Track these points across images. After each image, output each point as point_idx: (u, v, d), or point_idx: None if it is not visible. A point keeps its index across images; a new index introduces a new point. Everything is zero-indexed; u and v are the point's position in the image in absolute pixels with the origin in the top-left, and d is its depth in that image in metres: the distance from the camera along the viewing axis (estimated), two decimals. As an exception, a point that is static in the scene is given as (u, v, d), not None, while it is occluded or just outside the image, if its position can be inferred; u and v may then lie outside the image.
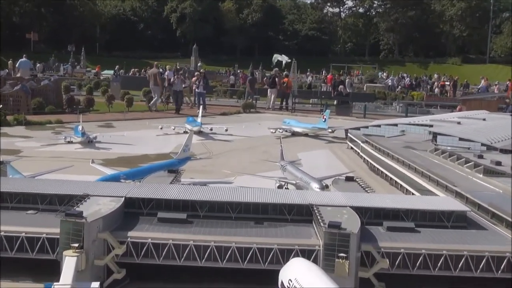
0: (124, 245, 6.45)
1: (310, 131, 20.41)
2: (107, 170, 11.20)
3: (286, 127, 20.74)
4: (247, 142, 18.60)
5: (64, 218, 6.29)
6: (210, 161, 14.64)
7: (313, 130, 20.39)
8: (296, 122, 21.31)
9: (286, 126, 20.79)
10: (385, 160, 13.00)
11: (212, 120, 23.90)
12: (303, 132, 20.44)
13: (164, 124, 20.55)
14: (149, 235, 6.62)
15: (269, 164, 13.64)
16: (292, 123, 21.10)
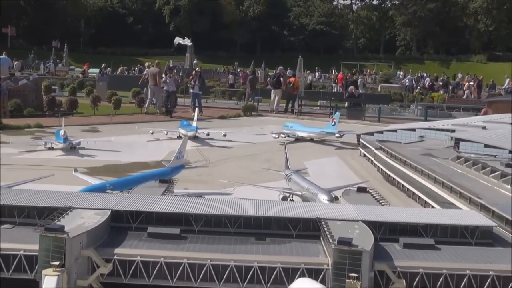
0: (110, 263, 6.46)
1: (317, 135, 20.49)
2: (91, 179, 11.23)
3: (289, 131, 20.81)
4: (247, 149, 18.63)
5: (43, 233, 6.31)
6: (207, 169, 14.67)
7: (320, 135, 20.46)
8: (300, 126, 21.39)
9: (289, 131, 20.85)
10: (401, 169, 13.01)
11: (209, 124, 23.95)
12: (308, 137, 20.53)
13: (155, 129, 20.62)
14: (138, 252, 6.63)
15: (272, 174, 13.65)
16: (295, 127, 21.17)
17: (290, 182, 11.42)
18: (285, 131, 20.84)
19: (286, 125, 21.51)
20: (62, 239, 6.23)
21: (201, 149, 17.85)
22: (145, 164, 15.18)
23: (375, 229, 7.21)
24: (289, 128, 21.17)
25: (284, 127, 21.41)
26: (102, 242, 6.81)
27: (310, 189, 10.27)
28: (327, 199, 9.60)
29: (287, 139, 20.26)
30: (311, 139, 20.51)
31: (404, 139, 16.72)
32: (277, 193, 10.93)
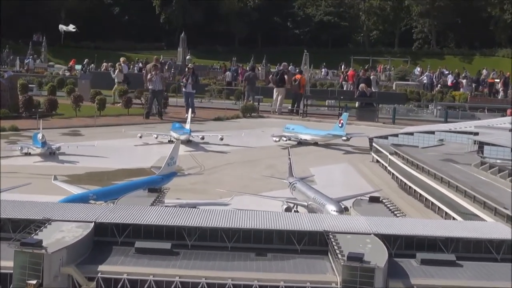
0: (93, 282, 6.47)
1: (322, 139, 20.56)
2: (73, 188, 11.24)
3: (290, 134, 20.87)
4: (247, 154, 18.66)
5: (19, 248, 6.32)
6: (201, 177, 14.69)
7: (326, 138, 20.53)
8: (302, 128, 21.46)
9: (290, 133, 20.91)
10: (419, 177, 13.02)
11: (204, 127, 23.98)
12: (313, 141, 20.59)
13: (144, 132, 20.67)
14: (124, 269, 6.64)
15: (274, 182, 13.68)
16: (297, 129, 21.23)
17: (294, 191, 11.43)
18: (286, 134, 20.92)
19: (287, 127, 21.56)
20: (39, 255, 6.24)
21: (195, 155, 17.87)
22: (132, 171, 15.20)
23: (390, 243, 7.21)
24: (290, 130, 21.23)
25: (285, 129, 21.46)
26: (84, 258, 6.81)
27: (317, 199, 10.27)
28: (335, 210, 9.61)
29: (289, 142, 20.32)
30: (315, 142, 20.60)
31: (422, 143, 16.73)
32: (280, 203, 10.94)
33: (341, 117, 20.42)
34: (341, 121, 20.10)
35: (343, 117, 20.31)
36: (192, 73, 28.69)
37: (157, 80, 26.49)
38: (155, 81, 26.44)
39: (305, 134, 20.71)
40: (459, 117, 28.62)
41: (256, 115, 29.67)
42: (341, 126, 19.96)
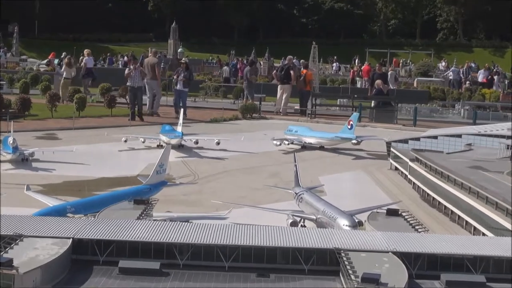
0: (71, 306, 6.47)
1: (329, 142, 20.61)
2: (48, 200, 11.25)
3: (292, 137, 20.94)
4: (247, 161, 18.69)
5: (-14, 268, 6.32)
6: (195, 187, 14.71)
7: (333, 141, 20.57)
8: (306, 130, 21.51)
9: (292, 136, 20.99)
10: (444, 186, 13.02)
11: (198, 130, 24.01)
12: (318, 144, 20.65)
13: (129, 135, 20.69)
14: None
15: (278, 192, 13.69)
16: (301, 131, 21.29)
17: (301, 203, 11.43)
18: (288, 137, 20.98)
19: (289, 129, 21.65)
20: (10, 276, 6.24)
21: (188, 161, 17.90)
22: (116, 180, 15.21)
23: (410, 262, 7.21)
24: (293, 132, 21.29)
25: (287, 132, 21.54)
26: (61, 279, 6.81)
27: (327, 212, 10.27)
28: (348, 225, 9.61)
29: (292, 147, 20.41)
30: (321, 146, 20.66)
31: (447, 148, 16.73)
32: (285, 217, 10.94)
33: (351, 118, 20.43)
34: (350, 122, 20.11)
35: (352, 118, 20.34)
36: (186, 69, 28.68)
37: (136, 75, 26.45)
38: (134, 76, 26.37)
39: (309, 137, 20.79)
40: (490, 118, 28.63)
41: (258, 116, 29.69)
42: (350, 128, 19.98)
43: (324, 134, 20.97)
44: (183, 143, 19.78)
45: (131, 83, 26.46)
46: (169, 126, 20.84)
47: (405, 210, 10.36)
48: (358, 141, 20.21)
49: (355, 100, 31.31)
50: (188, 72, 28.72)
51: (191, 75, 29.23)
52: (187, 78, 28.22)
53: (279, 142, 20.42)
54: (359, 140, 20.26)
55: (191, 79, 29.11)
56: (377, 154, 19.90)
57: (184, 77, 28.11)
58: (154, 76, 28.32)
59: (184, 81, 28.05)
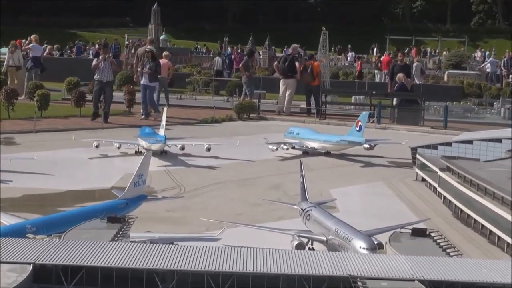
0: None
1: (335, 146, 20.71)
2: (4, 217, 11.22)
3: (294, 140, 21.07)
4: (243, 170, 18.72)
5: None
6: (181, 202, 14.70)
7: (339, 146, 20.65)
8: (310, 132, 21.64)
9: (293, 139, 21.12)
10: (480, 201, 13.01)
11: (185, 133, 24.05)
12: (323, 149, 20.76)
13: (102, 140, 20.72)
14: (74, 329, 6.63)
15: (281, 208, 13.71)
16: (303, 133, 21.42)
17: (308, 222, 11.43)
18: (289, 140, 21.06)
19: (290, 132, 21.81)
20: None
21: (173, 171, 17.93)
22: (86, 194, 15.23)
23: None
24: (293, 135, 21.40)
25: (287, 134, 21.67)
26: (19, 313, 6.79)
27: (340, 232, 10.27)
28: (365, 247, 9.60)
29: (291, 152, 20.51)
30: (327, 152, 20.77)
31: (485, 155, 16.73)
32: (289, 238, 10.93)
33: (359, 118, 20.49)
34: (358, 123, 20.13)
35: (361, 118, 20.36)
36: (152, 59, 28.42)
37: (105, 67, 26.39)
38: (103, 69, 26.31)
39: (312, 140, 20.91)
40: (535, 119, 28.74)
41: (256, 116, 29.75)
42: (359, 130, 20.02)
43: (328, 137, 21.09)
44: (167, 149, 19.81)
45: (99, 77, 26.41)
46: (149, 129, 20.86)
47: (434, 229, 10.34)
48: (370, 146, 20.32)
49: (373, 97, 31.36)
50: (155, 63, 28.41)
51: (158, 66, 28.85)
52: (153, 70, 27.95)
53: (275, 146, 20.47)
54: (372, 144, 20.37)
55: (158, 71, 28.78)
56: (399, 162, 19.96)
57: (149, 68, 27.91)
58: None
59: (149, 74, 27.82)
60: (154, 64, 28.29)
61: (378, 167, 19.69)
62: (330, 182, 17.17)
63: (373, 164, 19.99)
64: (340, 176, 18.44)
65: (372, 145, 20.35)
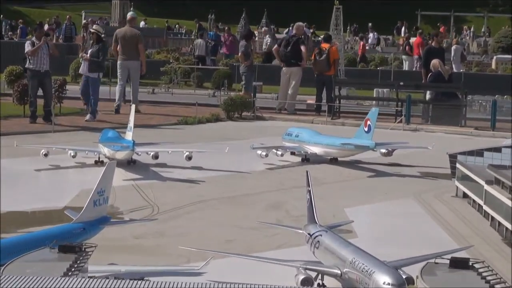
0: None
1: (339, 151, 20.86)
2: None
3: (292, 144, 21.26)
4: (234, 185, 18.74)
5: None
6: (154, 226, 14.65)
7: (346, 151, 20.76)
8: (311, 133, 21.79)
9: (292, 143, 21.32)
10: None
11: (158, 136, 24.11)
12: (326, 155, 20.97)
13: (52, 147, 20.66)
14: None
15: (282, 233, 13.69)
16: (304, 135, 21.54)
17: (318, 250, 11.40)
18: (286, 144, 21.32)
19: (288, 133, 22.03)
20: None
21: (144, 186, 17.91)
22: (31, 216, 15.21)
23: None
24: (292, 138, 21.59)
25: (285, 137, 21.90)
26: None
27: (358, 264, 10.24)
28: (391, 283, 9.58)
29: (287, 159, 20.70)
30: (334, 158, 20.99)
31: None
32: (293, 271, 10.90)
33: (368, 116, 20.46)
34: (367, 123, 20.11)
35: (370, 116, 20.30)
36: (97, 41, 28.38)
37: (44, 53, 26.34)
38: (40, 56, 26.24)
39: (313, 144, 21.04)
40: None
41: (251, 115, 29.76)
42: (367, 131, 20.00)
43: (332, 140, 21.18)
44: (135, 158, 19.84)
45: (35, 65, 26.24)
46: (113, 132, 20.80)
47: (479, 259, 10.32)
48: (388, 151, 20.45)
49: (400, 90, 31.34)
50: (98, 48, 28.17)
51: (104, 52, 28.76)
52: (95, 56, 27.87)
53: (264, 151, 20.48)
54: (389, 149, 20.48)
55: (103, 58, 28.75)
56: (434, 173, 19.99)
57: (91, 55, 27.88)
58: (133, 55, 29.10)
59: (91, 62, 27.79)
60: (97, 49, 28.07)
61: (407, 180, 19.69)
62: (346, 199, 17.15)
63: (400, 176, 20.02)
64: (358, 191, 18.41)
65: (389, 149, 20.45)
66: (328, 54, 31.19)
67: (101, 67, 28.63)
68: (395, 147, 20.84)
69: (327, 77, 31.17)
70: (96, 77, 28.29)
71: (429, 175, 20.04)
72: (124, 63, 29.47)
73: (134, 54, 29.47)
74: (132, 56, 29.45)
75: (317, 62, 31.35)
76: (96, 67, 27.98)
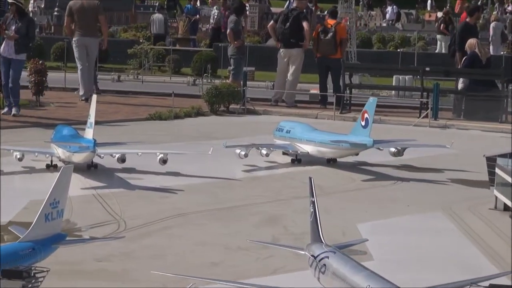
0: None
1: (332, 151, 21.05)
2: None
3: (283, 141, 21.50)
4: (219, 195, 18.77)
5: None
6: (121, 245, 14.67)
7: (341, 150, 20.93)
8: (305, 129, 21.97)
9: (283, 140, 21.56)
10: None
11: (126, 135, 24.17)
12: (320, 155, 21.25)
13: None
14: None
15: (279, 254, 13.71)
16: (296, 131, 21.73)
17: (324, 275, 11.43)
18: (277, 142, 21.64)
19: (279, 128, 22.24)
20: None
21: (107, 196, 17.93)
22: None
23: None
24: (283, 134, 21.84)
25: (276, 132, 22.15)
26: None
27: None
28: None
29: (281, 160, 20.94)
30: (332, 160, 21.27)
31: None
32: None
33: (366, 107, 20.67)
34: (364, 116, 20.24)
35: (367, 107, 20.48)
36: (18, 16, 28.12)
37: None
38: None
39: (305, 141, 21.26)
40: None
41: (240, 108, 29.81)
42: (364, 126, 20.16)
43: (323, 137, 21.31)
44: (97, 161, 19.88)
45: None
46: (69, 129, 20.84)
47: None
48: (398, 150, 20.60)
49: (426, 77, 31.36)
50: (25, 23, 28.00)
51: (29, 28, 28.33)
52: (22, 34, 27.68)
53: (243, 150, 20.62)
54: (398, 148, 20.63)
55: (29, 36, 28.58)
56: (467, 180, 20.07)
57: (17, 31, 27.65)
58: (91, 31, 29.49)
59: (15, 39, 27.61)
60: (24, 24, 27.88)
61: (434, 188, 19.74)
62: (358, 213, 17.17)
63: (423, 182, 20.09)
64: (374, 202, 18.41)
65: (399, 148, 20.58)
66: (334, 33, 31.25)
67: (29, 46, 28.82)
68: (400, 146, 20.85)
69: (332, 60, 31.20)
70: (23, 58, 28.43)
71: (462, 182, 20.08)
72: (81, 40, 29.64)
73: (93, 30, 29.83)
74: (90, 32, 29.76)
75: (320, 42, 31.35)
76: (24, 47, 27.91)
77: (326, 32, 31.24)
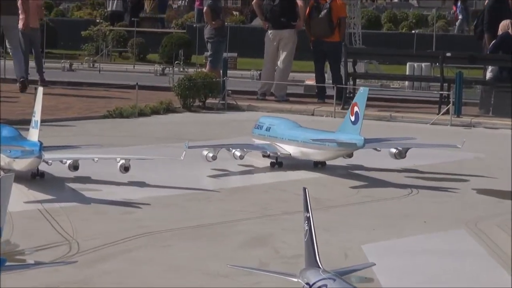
0: None
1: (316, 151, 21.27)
2: None
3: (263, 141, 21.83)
4: (193, 209, 18.89)
5: None
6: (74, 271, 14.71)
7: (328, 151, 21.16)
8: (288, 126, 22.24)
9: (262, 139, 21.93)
10: None
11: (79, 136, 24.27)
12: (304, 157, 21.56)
13: None
14: None
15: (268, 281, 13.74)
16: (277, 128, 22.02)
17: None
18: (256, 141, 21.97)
19: (258, 125, 22.56)
20: None
21: (56, 212, 17.98)
22: None
23: None
24: (262, 132, 22.18)
25: (254, 130, 22.52)
26: None
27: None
28: None
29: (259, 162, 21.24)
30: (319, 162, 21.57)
31: None
32: None
33: (355, 99, 20.85)
34: (354, 109, 20.30)
35: (357, 99, 20.62)
36: None
37: None
38: None
39: (287, 141, 21.52)
40: None
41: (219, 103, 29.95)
42: (354, 122, 20.29)
43: (306, 135, 21.47)
44: (43, 169, 20.02)
45: None
46: (10, 130, 20.89)
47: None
48: (399, 150, 20.78)
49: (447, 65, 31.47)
50: None
51: None
52: None
53: (210, 152, 20.85)
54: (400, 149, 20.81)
55: None
56: (496, 191, 20.18)
57: None
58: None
59: None
60: None
61: (455, 201, 19.85)
62: (363, 231, 17.25)
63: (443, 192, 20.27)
64: (381, 218, 18.46)
65: (400, 149, 20.76)
66: (329, 10, 31.29)
67: None
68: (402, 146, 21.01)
69: (329, 44, 31.39)
70: None
71: (490, 193, 20.18)
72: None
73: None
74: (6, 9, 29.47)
75: (312, 21, 31.38)
76: None
77: (320, 9, 31.25)
